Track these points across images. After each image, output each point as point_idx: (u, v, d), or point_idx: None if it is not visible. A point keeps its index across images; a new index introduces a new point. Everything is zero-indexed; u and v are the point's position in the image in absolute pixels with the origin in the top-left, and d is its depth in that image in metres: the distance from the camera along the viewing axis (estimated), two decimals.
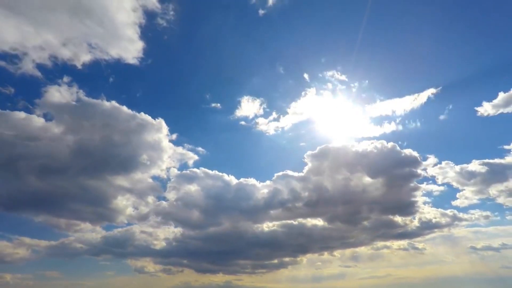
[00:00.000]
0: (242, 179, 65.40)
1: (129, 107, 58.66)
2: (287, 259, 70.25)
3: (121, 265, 70.49)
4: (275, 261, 70.18)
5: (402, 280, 72.22)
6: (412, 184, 63.66)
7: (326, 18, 75.48)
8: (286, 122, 71.03)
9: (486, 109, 68.09)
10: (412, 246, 71.41)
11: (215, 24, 71.66)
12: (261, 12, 67.40)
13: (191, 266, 68.86)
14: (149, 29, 61.25)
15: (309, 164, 64.14)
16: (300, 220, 65.26)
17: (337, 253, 72.04)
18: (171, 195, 66.25)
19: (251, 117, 70.59)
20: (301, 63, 71.97)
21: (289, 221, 65.29)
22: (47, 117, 51.97)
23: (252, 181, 65.19)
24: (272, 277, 70.08)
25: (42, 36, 50.79)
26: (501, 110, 66.44)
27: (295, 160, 71.89)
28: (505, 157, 66.75)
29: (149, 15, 61.18)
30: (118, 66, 62.46)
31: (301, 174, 64.00)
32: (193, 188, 64.75)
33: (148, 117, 60.43)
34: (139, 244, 66.78)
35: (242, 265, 69.60)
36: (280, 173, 65.42)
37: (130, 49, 59.20)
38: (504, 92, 67.01)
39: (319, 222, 65.89)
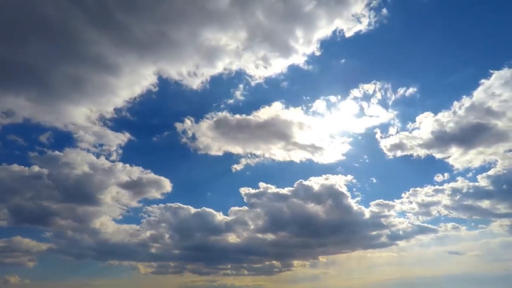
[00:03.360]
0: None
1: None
2: (268, 262, 77.24)
3: (118, 268, 76.22)
4: (262, 264, 77.45)
5: (379, 280, 79.44)
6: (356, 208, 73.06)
7: None
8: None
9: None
10: (383, 253, 79.23)
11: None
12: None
13: (188, 269, 76.05)
14: None
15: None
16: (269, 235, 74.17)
17: (321, 258, 78.82)
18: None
19: None
20: None
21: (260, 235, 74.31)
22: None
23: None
24: (262, 279, 77.15)
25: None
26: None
27: None
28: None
29: None
30: None
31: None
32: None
33: (120, 164, 70.49)
34: (135, 249, 73.44)
35: (235, 268, 76.76)
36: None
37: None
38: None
39: (285, 236, 74.60)
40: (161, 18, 57.68)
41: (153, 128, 78.16)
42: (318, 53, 72.53)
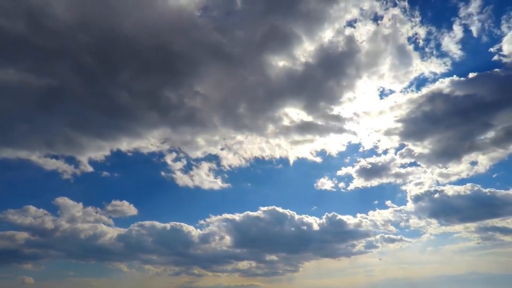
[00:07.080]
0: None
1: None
2: (258, 265, 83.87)
3: (117, 269, 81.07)
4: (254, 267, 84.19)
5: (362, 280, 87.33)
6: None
7: None
8: None
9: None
10: (358, 259, 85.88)
11: None
12: None
13: (185, 271, 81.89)
14: None
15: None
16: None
17: (307, 263, 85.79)
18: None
19: None
20: None
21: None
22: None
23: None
24: (256, 279, 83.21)
25: None
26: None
27: None
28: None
29: None
30: None
31: None
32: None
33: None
34: (133, 252, 79.50)
35: (229, 270, 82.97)
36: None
37: None
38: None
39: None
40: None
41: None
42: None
